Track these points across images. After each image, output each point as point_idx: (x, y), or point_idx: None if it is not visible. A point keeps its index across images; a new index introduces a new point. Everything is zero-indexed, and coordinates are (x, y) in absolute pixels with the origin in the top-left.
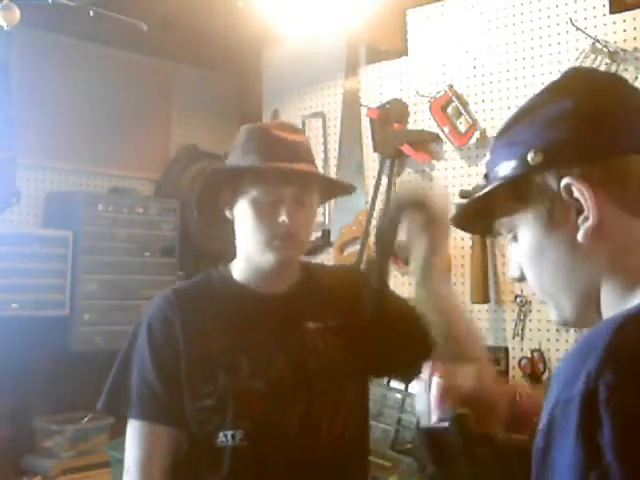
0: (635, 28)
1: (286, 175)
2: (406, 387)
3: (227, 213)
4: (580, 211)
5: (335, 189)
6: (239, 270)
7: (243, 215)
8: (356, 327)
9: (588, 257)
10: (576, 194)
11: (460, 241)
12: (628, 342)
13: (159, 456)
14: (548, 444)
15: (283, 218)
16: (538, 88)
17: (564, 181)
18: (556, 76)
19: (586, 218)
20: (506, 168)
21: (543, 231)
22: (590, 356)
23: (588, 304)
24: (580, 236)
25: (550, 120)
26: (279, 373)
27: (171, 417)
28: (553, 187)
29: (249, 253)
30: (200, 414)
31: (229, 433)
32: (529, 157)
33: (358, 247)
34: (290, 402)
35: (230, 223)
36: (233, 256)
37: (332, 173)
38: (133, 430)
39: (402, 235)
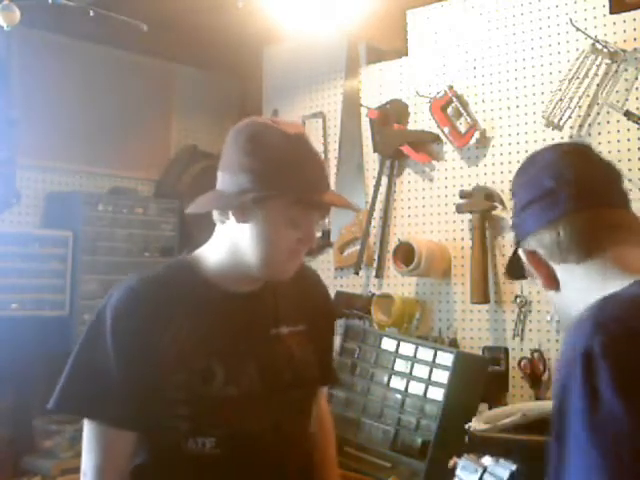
0: (635, 29)
1: (323, 207)
2: (406, 387)
3: (237, 220)
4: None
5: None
6: (212, 264)
7: (262, 230)
8: (319, 333)
9: (561, 300)
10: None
11: (460, 241)
12: (610, 312)
13: (119, 462)
14: (562, 399)
15: (306, 245)
16: (538, 88)
17: (522, 255)
18: (556, 76)
19: (538, 279)
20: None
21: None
22: (583, 327)
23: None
24: (545, 289)
25: (521, 208)
26: (251, 380)
27: (134, 422)
28: (523, 256)
29: (245, 259)
30: (170, 420)
31: (199, 440)
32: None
33: (358, 247)
34: (262, 410)
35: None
36: (200, 245)
37: (332, 173)
38: (91, 433)
39: None
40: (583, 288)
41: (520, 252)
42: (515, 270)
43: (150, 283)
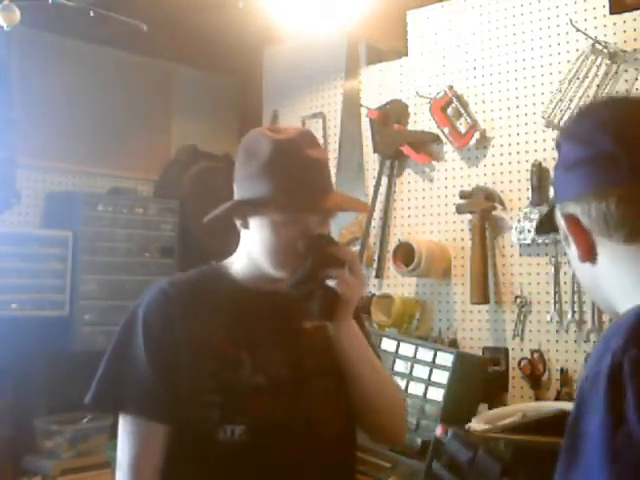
0: (635, 29)
1: (316, 210)
2: (406, 388)
3: (238, 224)
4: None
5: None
6: (238, 269)
7: (261, 233)
8: None
9: (591, 271)
10: (567, 228)
11: (460, 241)
12: None
13: (152, 454)
14: (579, 415)
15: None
16: (538, 89)
17: (559, 217)
18: (556, 77)
19: (576, 247)
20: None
21: (566, 249)
22: (615, 337)
23: (607, 299)
24: (578, 259)
25: (566, 167)
26: (277, 370)
27: (166, 414)
28: (560, 218)
29: (259, 263)
30: (200, 409)
31: (229, 428)
32: (550, 195)
33: (358, 247)
34: (291, 398)
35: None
36: (229, 254)
37: (332, 174)
38: (126, 426)
39: None
40: (623, 272)
41: (558, 214)
42: (546, 227)
43: (179, 284)
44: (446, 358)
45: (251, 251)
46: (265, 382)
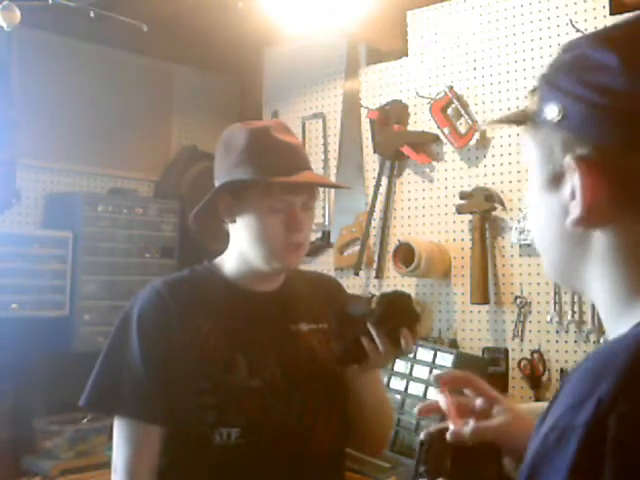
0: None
1: (298, 187)
2: (406, 388)
3: (225, 218)
4: (575, 194)
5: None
6: (229, 268)
7: (248, 224)
8: None
9: (574, 239)
10: (575, 177)
11: (460, 242)
12: None
13: (148, 456)
14: (534, 474)
15: (294, 230)
16: None
17: (568, 158)
18: None
19: (575, 206)
20: (537, 105)
21: (540, 188)
22: (603, 379)
23: (570, 275)
24: (567, 221)
25: (587, 74)
26: (273, 373)
27: (161, 416)
28: (560, 154)
29: (249, 258)
30: (197, 411)
31: (225, 431)
32: (548, 110)
33: (358, 248)
34: (285, 401)
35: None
36: (220, 252)
37: (332, 174)
38: (121, 429)
39: None
40: (627, 257)
41: (569, 158)
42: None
43: (173, 284)
44: (446, 358)
45: (240, 247)
46: (260, 384)
